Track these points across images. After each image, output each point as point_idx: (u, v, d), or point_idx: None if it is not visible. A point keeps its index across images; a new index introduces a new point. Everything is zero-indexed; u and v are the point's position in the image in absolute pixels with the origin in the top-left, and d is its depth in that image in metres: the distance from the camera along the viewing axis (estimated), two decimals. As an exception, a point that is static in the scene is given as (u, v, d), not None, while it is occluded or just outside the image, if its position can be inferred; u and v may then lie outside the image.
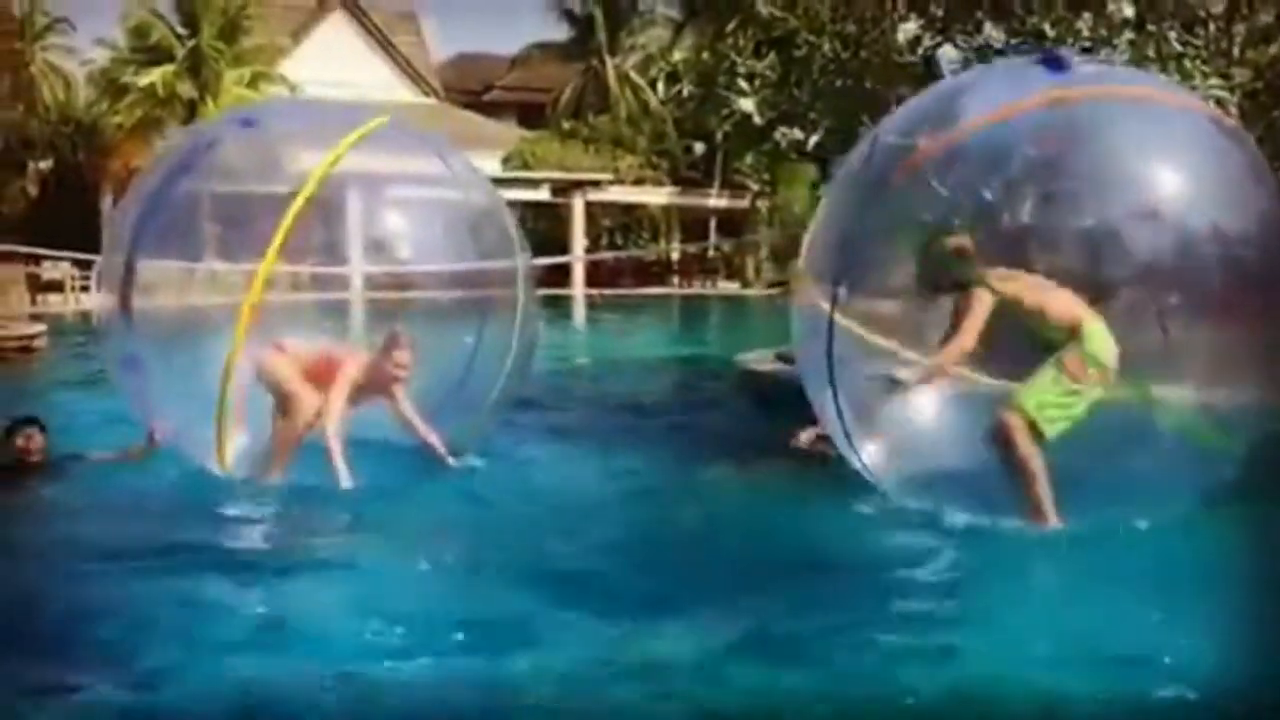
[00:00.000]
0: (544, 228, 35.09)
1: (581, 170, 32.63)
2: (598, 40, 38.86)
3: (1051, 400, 5.45)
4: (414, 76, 37.07)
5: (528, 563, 5.41)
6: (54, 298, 25.76)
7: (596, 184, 32.16)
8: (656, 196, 34.06)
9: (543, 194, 32.04)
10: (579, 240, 32.24)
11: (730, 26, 10.94)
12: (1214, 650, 4.34)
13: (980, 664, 4.22)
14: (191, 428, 6.92)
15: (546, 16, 40.07)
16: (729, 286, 35.65)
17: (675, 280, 35.03)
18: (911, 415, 6.06)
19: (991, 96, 5.99)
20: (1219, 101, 8.55)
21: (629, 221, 36.07)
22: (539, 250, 37.28)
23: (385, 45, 36.60)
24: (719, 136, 11.40)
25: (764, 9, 10.48)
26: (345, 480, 6.54)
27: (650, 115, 36.52)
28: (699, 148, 28.22)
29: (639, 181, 33.46)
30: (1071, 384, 5.42)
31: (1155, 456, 5.56)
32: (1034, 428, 5.43)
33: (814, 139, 10.58)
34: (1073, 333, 5.49)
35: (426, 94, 37.13)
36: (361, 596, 5.10)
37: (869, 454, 6.10)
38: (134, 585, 5.09)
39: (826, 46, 10.73)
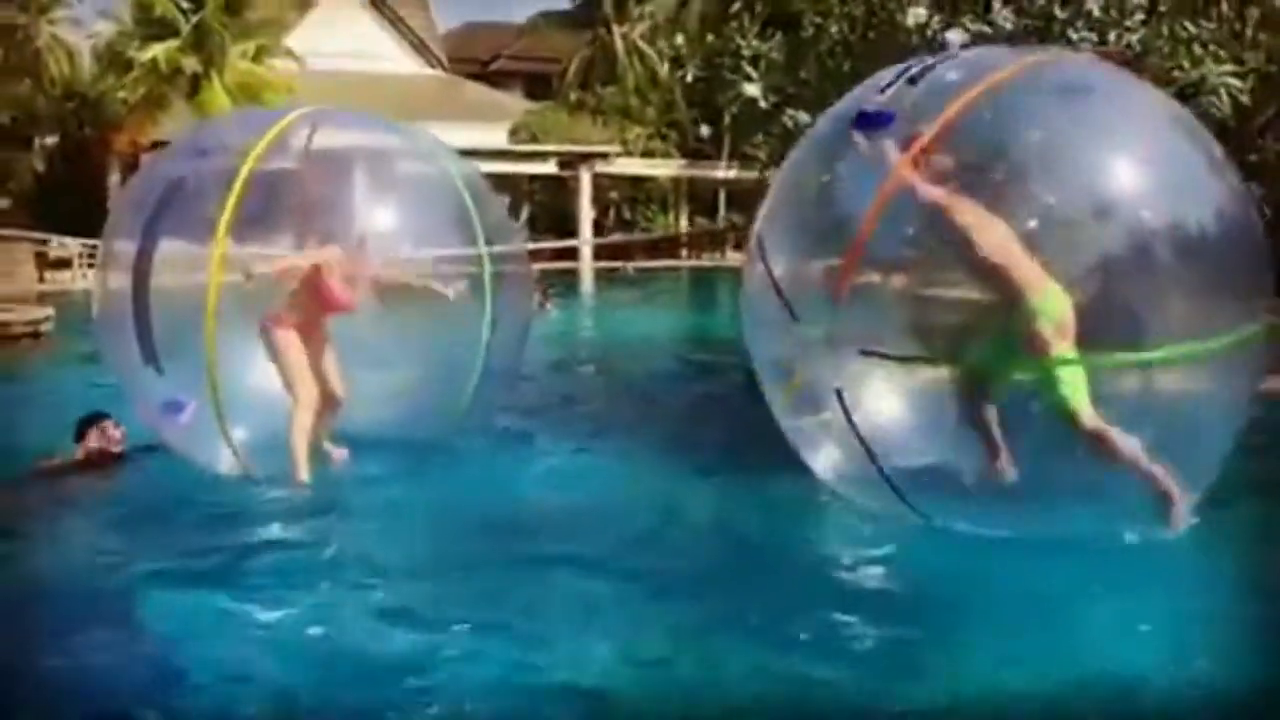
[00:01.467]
0: (551, 200, 35.04)
1: (589, 142, 32.44)
2: (605, 9, 38.54)
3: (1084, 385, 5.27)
4: (420, 48, 36.83)
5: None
6: (62, 274, 25.74)
7: (604, 157, 31.95)
8: (665, 169, 33.87)
9: (550, 167, 31.88)
10: (587, 214, 32.09)
11: (735, 8, 10.82)
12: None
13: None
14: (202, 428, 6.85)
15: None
16: (738, 258, 35.51)
17: (684, 253, 34.91)
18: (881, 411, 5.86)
19: None
20: (1228, 89, 8.46)
21: (637, 194, 35.89)
22: (547, 222, 37.34)
23: (391, 17, 36.36)
24: (726, 117, 11.24)
25: (770, -9, 10.37)
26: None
27: (658, 85, 36.27)
28: (706, 131, 27.95)
29: (647, 154, 33.26)
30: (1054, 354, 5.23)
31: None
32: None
33: (821, 123, 10.47)
34: (1015, 301, 5.22)
35: (432, 65, 36.90)
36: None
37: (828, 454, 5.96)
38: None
39: (834, 28, 10.60)
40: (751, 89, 10.15)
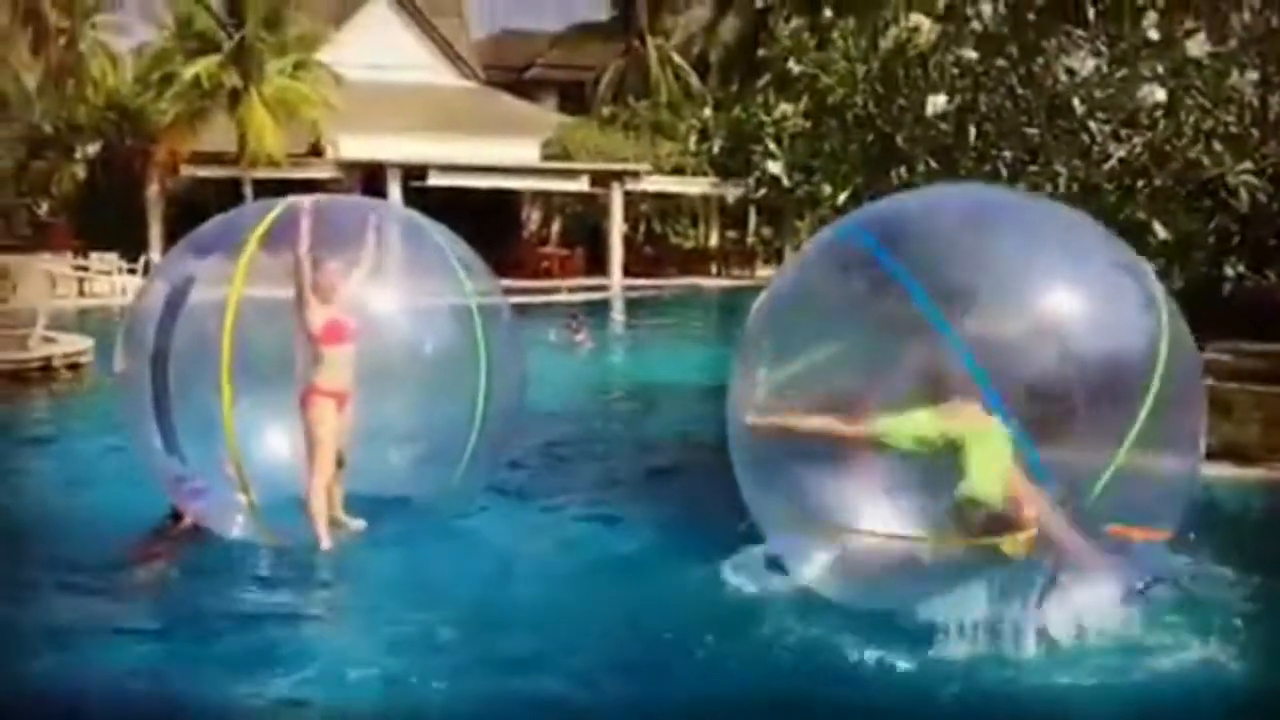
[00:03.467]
0: (582, 213, 35.32)
1: (621, 157, 32.67)
2: (639, 21, 38.75)
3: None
4: (454, 59, 37.14)
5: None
6: (101, 287, 26.25)
7: (635, 175, 32.17)
8: (695, 187, 34.04)
9: (582, 184, 32.14)
10: (617, 230, 32.35)
11: (761, 83, 11.02)
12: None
13: None
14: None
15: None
16: (768, 274, 35.67)
17: (714, 268, 35.08)
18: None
19: None
20: (1247, 187, 8.58)
21: (667, 208, 36.09)
22: (578, 235, 37.57)
23: (427, 29, 36.66)
24: (751, 183, 11.43)
25: (795, 67, 10.54)
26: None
27: (692, 99, 36.43)
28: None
29: (678, 170, 33.44)
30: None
31: None
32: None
33: (843, 196, 10.64)
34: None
35: (467, 77, 37.21)
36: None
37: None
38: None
39: (858, 100, 10.76)
40: (775, 166, 10.34)
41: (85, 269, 26.55)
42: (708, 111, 12.95)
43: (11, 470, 9.80)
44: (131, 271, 26.55)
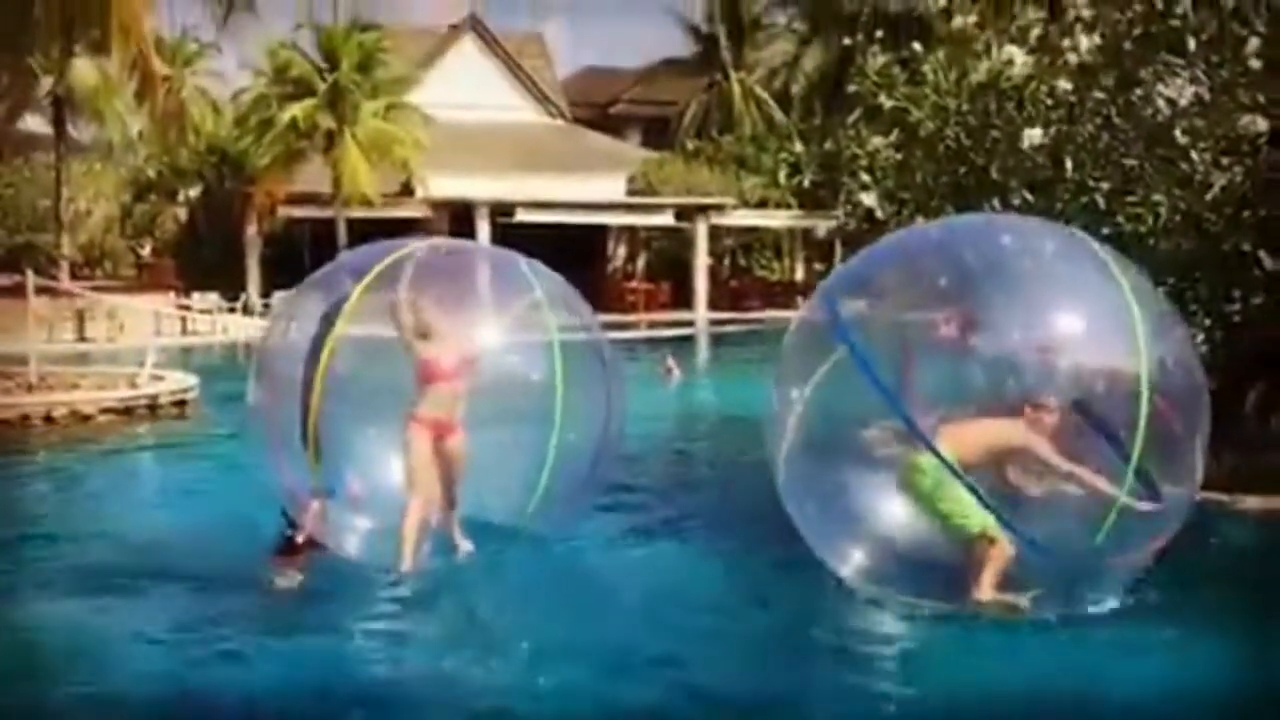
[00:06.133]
0: (667, 246, 35.53)
1: (705, 190, 32.82)
2: (722, 56, 39.00)
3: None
4: (540, 98, 37.70)
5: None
6: (202, 326, 27.02)
7: (719, 208, 32.30)
8: (779, 220, 34.00)
9: (666, 218, 32.36)
10: (702, 264, 32.48)
11: (853, 118, 11.06)
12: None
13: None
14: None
15: (673, 33, 40.53)
16: (853, 305, 35.40)
17: (799, 301, 34.93)
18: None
19: None
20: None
21: (752, 241, 36.12)
22: (664, 269, 37.57)
23: (513, 68, 37.30)
24: (842, 215, 11.46)
25: (887, 101, 10.56)
26: None
27: (775, 132, 36.52)
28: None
29: (762, 203, 33.44)
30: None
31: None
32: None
33: (936, 228, 10.62)
34: None
35: (553, 115, 37.74)
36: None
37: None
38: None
39: (950, 132, 10.75)
40: (868, 198, 10.36)
41: (188, 308, 27.38)
42: (798, 146, 12.97)
43: (127, 496, 10.18)
44: (231, 310, 27.34)
